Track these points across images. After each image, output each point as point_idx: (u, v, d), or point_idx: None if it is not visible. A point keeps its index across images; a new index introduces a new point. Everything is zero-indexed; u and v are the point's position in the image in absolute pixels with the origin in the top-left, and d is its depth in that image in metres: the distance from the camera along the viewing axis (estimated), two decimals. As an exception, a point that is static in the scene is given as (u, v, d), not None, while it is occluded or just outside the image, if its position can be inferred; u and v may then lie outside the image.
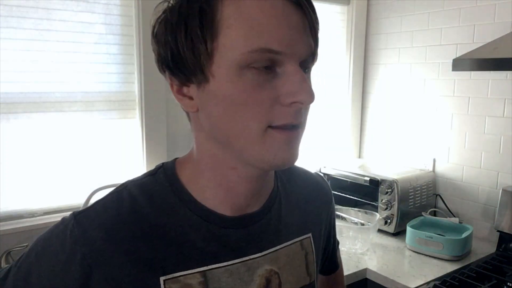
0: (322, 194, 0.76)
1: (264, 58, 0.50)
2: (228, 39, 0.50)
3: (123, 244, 0.55)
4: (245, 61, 0.50)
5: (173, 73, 0.55)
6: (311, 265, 0.70)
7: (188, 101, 0.56)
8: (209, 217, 0.59)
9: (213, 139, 0.57)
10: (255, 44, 0.49)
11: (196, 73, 0.53)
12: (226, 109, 0.52)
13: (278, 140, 0.53)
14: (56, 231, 0.57)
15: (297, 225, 0.68)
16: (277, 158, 0.53)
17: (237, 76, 0.51)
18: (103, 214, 0.57)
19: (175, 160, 0.63)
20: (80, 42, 1.49)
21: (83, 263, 0.54)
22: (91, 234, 0.54)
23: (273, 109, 0.51)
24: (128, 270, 0.54)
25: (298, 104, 0.51)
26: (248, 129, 0.52)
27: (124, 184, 0.61)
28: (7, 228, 1.39)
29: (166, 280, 0.55)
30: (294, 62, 0.51)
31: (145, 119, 1.65)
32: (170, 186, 0.59)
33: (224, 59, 0.51)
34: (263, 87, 0.51)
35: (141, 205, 0.57)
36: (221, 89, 0.52)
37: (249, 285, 0.60)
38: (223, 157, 0.57)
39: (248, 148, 0.53)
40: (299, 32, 0.51)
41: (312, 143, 2.22)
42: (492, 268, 1.52)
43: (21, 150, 1.44)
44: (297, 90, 0.51)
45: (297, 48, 0.51)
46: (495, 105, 1.77)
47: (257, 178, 0.60)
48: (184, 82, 0.55)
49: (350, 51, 2.26)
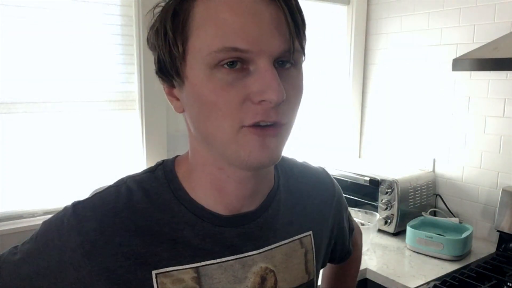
0: (324, 190, 0.75)
1: (230, 56, 0.50)
2: (198, 40, 0.51)
3: (116, 237, 0.56)
4: (212, 60, 0.50)
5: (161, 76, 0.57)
6: (310, 263, 0.69)
7: (176, 102, 0.59)
8: (203, 215, 0.59)
9: (199, 139, 0.58)
10: (220, 43, 0.50)
11: (174, 76, 0.55)
12: (200, 110, 0.53)
13: (251, 139, 0.52)
14: (56, 218, 0.60)
15: (297, 223, 0.68)
16: (251, 157, 0.52)
17: (207, 76, 0.51)
18: (100, 207, 0.58)
19: (175, 157, 0.64)
20: (80, 42, 1.49)
21: (76, 252, 0.56)
22: (86, 224, 0.56)
23: (244, 108, 0.51)
24: (120, 262, 0.56)
25: (267, 103, 0.51)
26: (222, 129, 0.52)
27: (124, 179, 0.62)
28: (7, 228, 1.39)
29: (158, 274, 0.56)
30: (265, 59, 0.50)
31: (145, 119, 1.65)
32: (167, 183, 0.60)
33: (195, 60, 0.52)
34: (232, 86, 0.51)
35: (137, 200, 0.59)
36: (194, 90, 0.53)
37: (243, 282, 0.61)
38: (210, 157, 0.58)
39: (225, 147, 0.54)
40: (271, 29, 0.50)
41: (312, 143, 2.22)
42: (492, 268, 1.52)
43: (21, 150, 1.44)
44: (266, 88, 0.50)
45: (268, 45, 0.50)
46: (495, 105, 1.77)
47: (247, 179, 0.59)
48: (171, 85, 0.57)
49: (350, 51, 2.26)
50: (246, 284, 0.61)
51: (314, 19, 2.11)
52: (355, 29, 2.23)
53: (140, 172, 0.63)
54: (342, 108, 2.30)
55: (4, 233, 1.37)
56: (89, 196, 0.61)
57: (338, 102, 2.29)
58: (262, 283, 0.62)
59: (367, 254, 1.67)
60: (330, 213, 0.76)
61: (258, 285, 0.62)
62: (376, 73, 2.25)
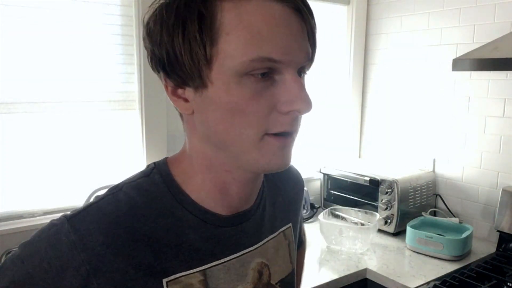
0: (296, 182, 0.79)
1: (263, 66, 0.50)
2: (227, 46, 0.50)
3: (124, 249, 0.53)
4: (244, 69, 0.50)
5: (168, 74, 0.54)
6: (293, 253, 0.73)
7: (183, 103, 0.56)
8: (206, 217, 0.59)
9: (207, 141, 0.57)
10: (255, 52, 0.49)
11: (194, 78, 0.52)
12: (224, 115, 0.52)
13: (274, 147, 0.53)
14: (46, 236, 0.54)
15: (280, 217, 0.71)
16: (271, 163, 0.54)
17: (236, 84, 0.51)
18: (101, 218, 0.54)
19: (166, 159, 0.62)
20: (80, 42, 1.49)
21: (80, 270, 0.51)
22: (90, 239, 0.52)
23: (270, 117, 0.52)
24: (130, 274, 0.53)
25: (295, 113, 0.52)
26: (245, 136, 0.52)
27: (119, 186, 0.58)
28: (7, 228, 1.39)
29: (169, 282, 0.55)
30: (292, 69, 0.52)
31: (145, 119, 1.65)
32: (166, 187, 0.58)
33: (223, 66, 0.50)
34: (261, 95, 0.51)
35: (139, 206, 0.56)
36: (220, 95, 0.52)
37: (244, 279, 0.62)
38: (218, 159, 0.57)
39: (244, 153, 0.54)
40: (298, 40, 0.52)
41: (312, 143, 2.22)
42: (492, 268, 1.52)
43: (21, 150, 1.44)
44: (295, 99, 0.51)
45: (296, 55, 0.51)
46: (495, 105, 1.77)
47: (251, 181, 0.61)
48: (180, 85, 0.54)
49: (350, 51, 2.26)
50: (247, 280, 0.62)
51: (314, 19, 2.11)
52: (355, 29, 2.23)
53: (133, 177, 0.60)
54: (342, 108, 2.30)
55: (4, 233, 1.37)
56: (83, 208, 0.56)
57: (338, 102, 2.29)
58: (260, 277, 0.64)
59: (367, 254, 1.67)
60: (301, 203, 0.80)
61: (257, 279, 0.64)
62: (376, 73, 2.25)
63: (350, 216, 1.81)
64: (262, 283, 0.64)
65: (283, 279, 0.69)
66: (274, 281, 0.67)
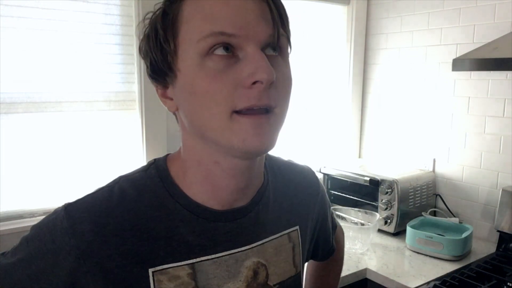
0: (309, 187, 0.78)
1: (219, 41, 0.51)
2: (187, 32, 0.53)
3: (111, 237, 0.56)
4: (202, 48, 0.52)
5: (155, 79, 0.59)
6: (297, 257, 0.72)
7: (170, 102, 0.60)
8: (198, 212, 0.60)
9: (194, 135, 0.58)
10: (208, 29, 0.51)
11: (167, 72, 0.56)
12: (192, 100, 0.54)
13: (245, 125, 0.53)
14: (47, 221, 0.59)
15: (285, 218, 0.70)
16: (246, 143, 0.53)
17: (199, 66, 0.52)
18: (93, 207, 0.58)
19: (167, 156, 0.65)
20: (80, 42, 1.49)
21: (71, 254, 0.55)
22: (80, 226, 0.56)
23: (235, 93, 0.52)
24: (117, 261, 0.56)
25: (258, 84, 0.51)
26: (214, 117, 0.53)
27: (116, 180, 0.63)
28: (7, 228, 1.39)
29: (155, 272, 0.57)
30: (253, 44, 0.52)
31: (145, 119, 1.65)
32: (161, 181, 0.61)
33: (186, 51, 0.54)
34: (224, 72, 0.52)
35: (131, 199, 0.59)
36: (186, 80, 0.54)
37: (236, 276, 0.62)
38: (205, 152, 0.58)
39: (218, 136, 0.54)
40: (256, 16, 0.52)
41: (312, 143, 2.22)
42: (492, 268, 1.52)
43: (21, 150, 1.44)
44: (256, 70, 0.51)
45: (254, 31, 0.52)
46: (495, 105, 1.77)
47: (241, 172, 0.60)
48: (166, 85, 0.58)
49: (350, 51, 2.26)
50: (239, 278, 0.62)
51: (314, 19, 2.11)
52: (355, 29, 2.23)
53: (133, 171, 0.64)
54: (342, 108, 2.30)
55: (4, 233, 1.37)
56: (82, 197, 0.61)
57: (338, 102, 2.29)
58: (255, 277, 0.64)
59: (367, 254, 1.67)
60: (314, 209, 0.78)
61: (251, 279, 0.63)
62: (376, 73, 2.25)
63: (350, 216, 1.81)
64: (256, 283, 0.64)
65: (283, 281, 0.68)
66: (272, 283, 0.66)
